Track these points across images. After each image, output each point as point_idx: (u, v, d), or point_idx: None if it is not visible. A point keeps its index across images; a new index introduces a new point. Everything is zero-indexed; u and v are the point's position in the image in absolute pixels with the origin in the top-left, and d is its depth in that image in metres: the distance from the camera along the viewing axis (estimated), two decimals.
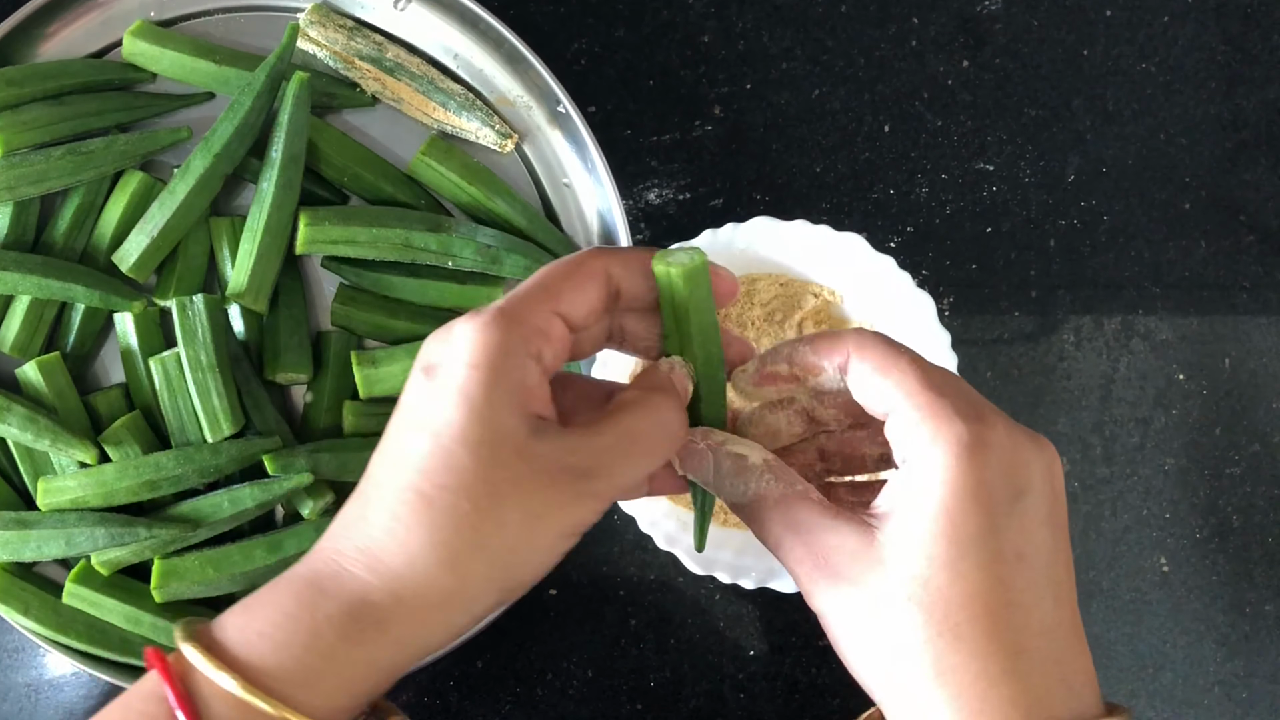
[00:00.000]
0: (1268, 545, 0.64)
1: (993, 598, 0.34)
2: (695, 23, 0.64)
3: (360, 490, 0.37)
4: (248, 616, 0.35)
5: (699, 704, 0.61)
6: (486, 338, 0.35)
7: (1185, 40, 0.66)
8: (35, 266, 0.55)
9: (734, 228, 0.56)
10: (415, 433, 0.35)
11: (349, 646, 0.34)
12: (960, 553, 0.34)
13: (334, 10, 0.60)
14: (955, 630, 0.34)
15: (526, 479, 0.35)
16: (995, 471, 0.35)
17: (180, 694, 0.33)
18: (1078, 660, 0.35)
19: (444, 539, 0.34)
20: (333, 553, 0.36)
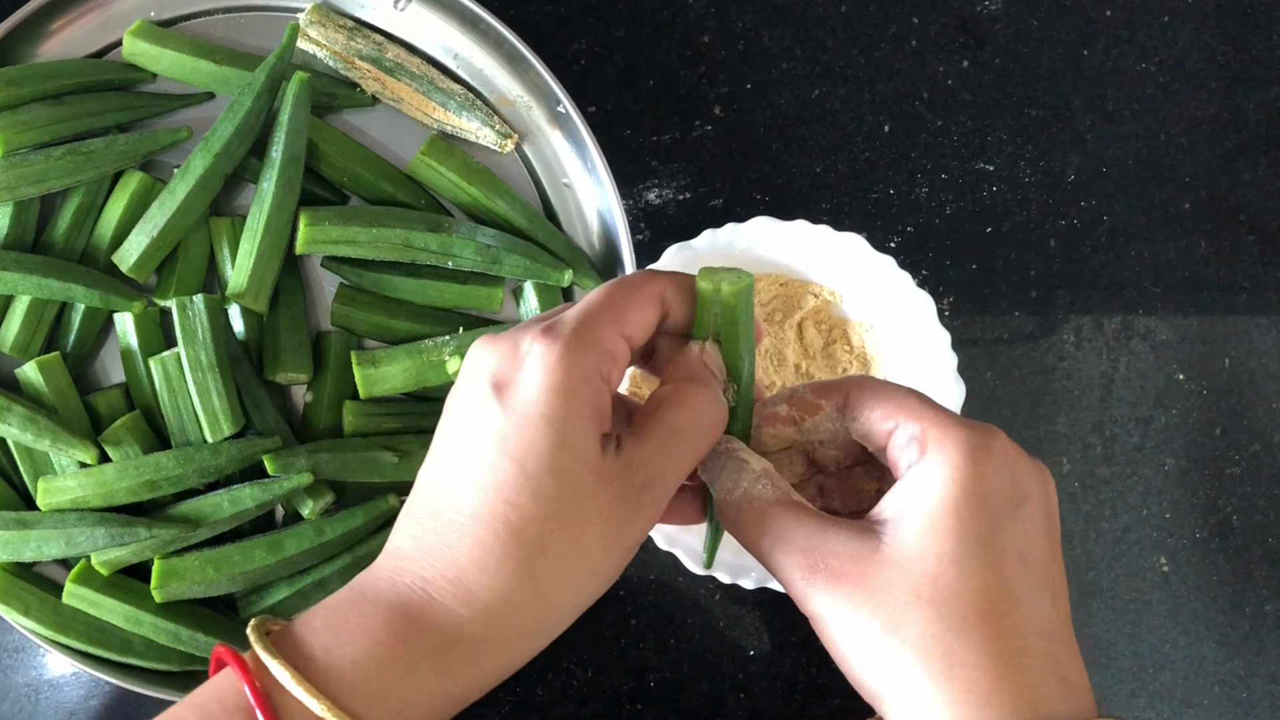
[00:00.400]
0: (1268, 545, 0.64)
1: (999, 595, 0.35)
2: (695, 23, 0.64)
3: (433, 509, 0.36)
4: (333, 637, 0.35)
5: (699, 704, 0.61)
6: (568, 362, 0.35)
7: (1185, 40, 0.66)
8: (35, 266, 0.55)
9: (734, 228, 0.56)
10: (499, 456, 0.35)
11: (440, 679, 0.34)
12: (969, 550, 0.35)
13: (334, 10, 0.60)
14: (964, 624, 0.35)
15: (605, 504, 0.36)
16: (1000, 476, 0.36)
17: (268, 712, 0.33)
18: (1074, 663, 0.36)
19: (533, 571, 0.35)
20: (419, 580, 0.35)
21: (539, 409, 0.35)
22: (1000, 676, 0.35)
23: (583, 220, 0.60)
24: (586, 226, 0.60)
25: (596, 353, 0.36)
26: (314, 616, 0.35)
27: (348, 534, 0.56)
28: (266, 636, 0.35)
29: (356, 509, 0.56)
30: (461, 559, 0.35)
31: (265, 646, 0.34)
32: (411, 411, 0.59)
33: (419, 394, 0.59)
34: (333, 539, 0.56)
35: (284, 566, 0.55)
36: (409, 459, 0.57)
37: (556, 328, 0.36)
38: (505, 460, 0.35)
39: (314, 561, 0.56)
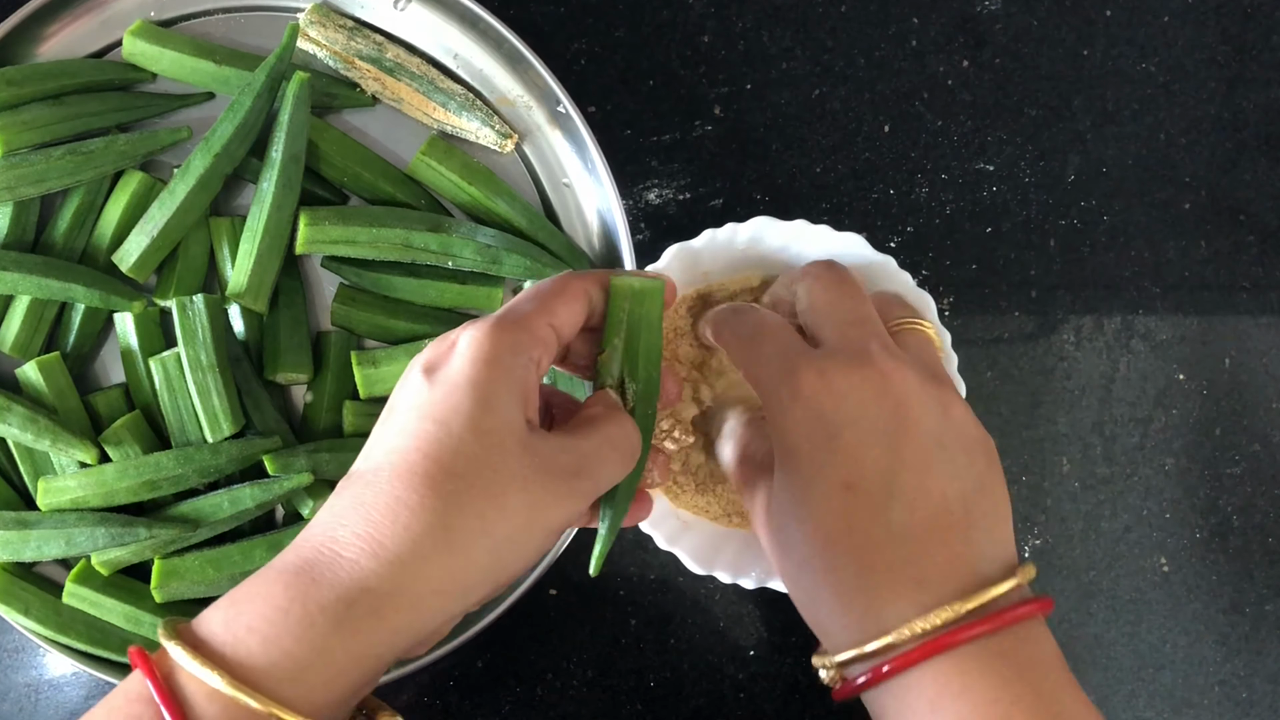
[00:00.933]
0: (1268, 545, 0.64)
1: (833, 530, 0.38)
2: (695, 23, 0.64)
3: (353, 478, 0.36)
4: (234, 610, 0.34)
5: (699, 704, 0.61)
6: (494, 338, 0.37)
7: (1185, 40, 0.66)
8: (35, 266, 0.55)
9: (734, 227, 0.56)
10: (421, 421, 0.36)
11: (343, 637, 0.34)
12: (795, 497, 0.39)
13: (334, 10, 0.60)
14: (806, 563, 0.39)
15: (529, 471, 0.36)
16: (806, 422, 0.39)
17: (165, 693, 0.33)
18: (936, 555, 0.38)
19: (450, 523, 0.35)
20: (326, 540, 0.35)
21: (464, 375, 0.36)
22: (848, 600, 0.38)
23: (583, 220, 0.60)
24: (586, 226, 0.60)
25: (524, 332, 0.38)
26: (221, 599, 0.36)
27: None
28: (173, 628, 0.35)
29: None
30: (374, 513, 0.35)
31: (165, 632, 0.34)
32: None
33: None
34: None
35: None
36: None
37: (487, 317, 0.38)
38: (427, 422, 0.36)
39: None
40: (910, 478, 0.38)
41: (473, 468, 0.35)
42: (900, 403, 0.39)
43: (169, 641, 0.34)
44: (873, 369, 0.40)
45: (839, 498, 0.38)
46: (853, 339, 0.41)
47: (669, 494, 0.56)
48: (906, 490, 0.38)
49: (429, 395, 0.36)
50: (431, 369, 0.37)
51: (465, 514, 0.35)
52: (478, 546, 0.35)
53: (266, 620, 0.34)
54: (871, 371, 0.40)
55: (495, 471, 0.35)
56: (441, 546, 0.34)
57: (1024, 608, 0.37)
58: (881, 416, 0.39)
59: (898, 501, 0.38)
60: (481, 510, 0.35)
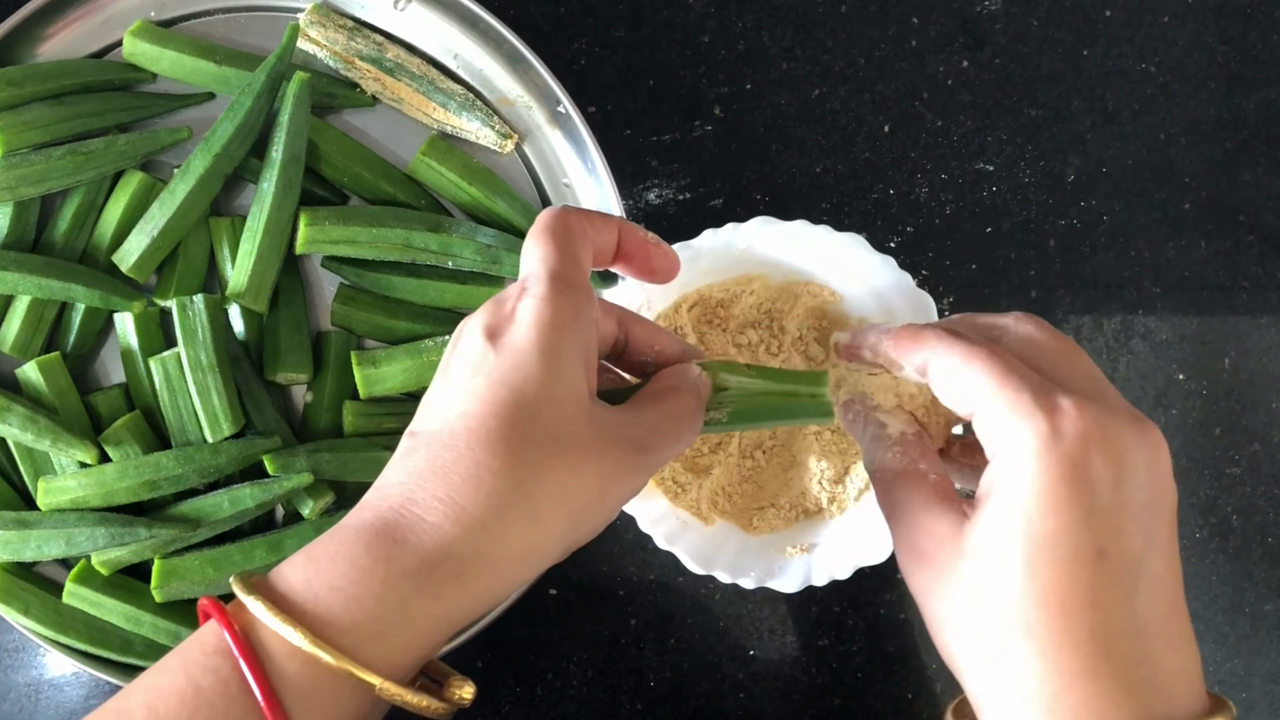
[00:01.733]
0: (1268, 545, 0.64)
1: (1069, 597, 0.33)
2: (695, 23, 0.64)
3: (422, 439, 0.36)
4: (313, 569, 0.34)
5: (699, 704, 0.61)
6: (558, 303, 0.36)
7: (1185, 40, 0.66)
8: (35, 266, 0.55)
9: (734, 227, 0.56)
10: (491, 386, 0.35)
11: (426, 600, 0.34)
12: (1036, 551, 0.34)
13: (334, 10, 0.60)
14: (1028, 629, 0.34)
15: (601, 441, 0.36)
16: (1071, 465, 0.34)
17: (244, 647, 0.33)
18: (1170, 659, 0.34)
19: (532, 490, 0.35)
20: (405, 501, 0.35)
21: (533, 341, 0.36)
22: (1067, 683, 0.33)
23: None
24: None
25: (583, 292, 0.37)
26: (296, 555, 0.35)
27: None
28: (249, 580, 0.35)
29: None
30: (454, 477, 0.34)
31: (242, 585, 0.34)
32: (411, 411, 0.58)
33: (419, 394, 0.59)
34: None
35: None
36: None
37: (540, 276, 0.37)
38: (500, 388, 0.35)
39: None
40: (1159, 566, 0.35)
41: (550, 436, 0.35)
42: (1166, 477, 0.35)
43: (248, 596, 0.33)
44: (1149, 434, 0.35)
45: (1089, 565, 0.33)
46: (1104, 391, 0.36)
47: (669, 494, 0.56)
48: (1154, 579, 0.34)
49: (496, 361, 0.36)
50: (494, 333, 0.36)
51: (546, 482, 0.35)
52: (557, 515, 0.35)
53: (349, 580, 0.34)
54: (1151, 436, 0.35)
55: (571, 441, 0.35)
56: (524, 514, 0.35)
57: None
58: (1147, 488, 0.35)
59: (1144, 588, 0.34)
60: (561, 479, 0.35)
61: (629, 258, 0.41)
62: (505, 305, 0.37)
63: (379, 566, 0.34)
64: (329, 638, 0.33)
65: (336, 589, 0.33)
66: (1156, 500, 0.35)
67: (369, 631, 0.33)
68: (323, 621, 0.33)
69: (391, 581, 0.34)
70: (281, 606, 0.33)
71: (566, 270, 0.37)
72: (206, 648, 0.33)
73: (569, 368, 0.36)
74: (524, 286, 0.37)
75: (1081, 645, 0.33)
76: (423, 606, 0.34)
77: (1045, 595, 0.33)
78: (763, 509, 0.57)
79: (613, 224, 0.40)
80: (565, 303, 0.36)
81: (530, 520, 0.35)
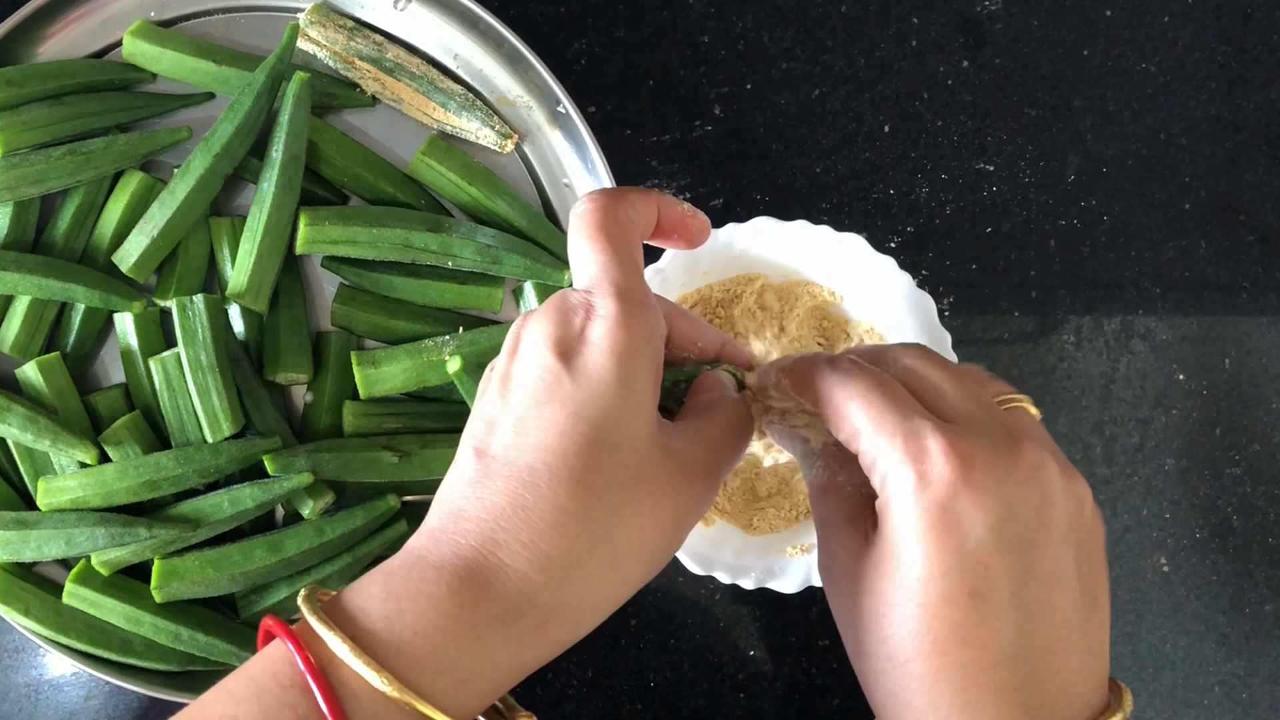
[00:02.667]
0: (1268, 545, 0.64)
1: (941, 638, 0.34)
2: (695, 23, 0.64)
3: (497, 466, 0.34)
4: (394, 606, 0.33)
5: (699, 704, 0.61)
6: (633, 327, 0.35)
7: (1185, 40, 0.66)
8: (35, 266, 0.55)
9: (734, 228, 0.56)
10: (571, 420, 0.34)
11: (508, 650, 0.33)
12: (909, 595, 0.34)
13: (334, 10, 0.60)
14: (905, 667, 0.35)
15: (676, 476, 0.35)
16: (937, 514, 0.34)
17: (327, 692, 0.31)
18: (1051, 680, 0.35)
19: (614, 539, 0.34)
20: (489, 543, 0.33)
21: (611, 372, 0.34)
22: (944, 717, 0.34)
23: None
24: None
25: (653, 311, 0.36)
26: (370, 583, 0.34)
27: (348, 534, 0.56)
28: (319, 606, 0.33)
29: (356, 509, 0.56)
30: (538, 521, 0.33)
31: (320, 617, 0.32)
32: (411, 411, 0.59)
33: (419, 394, 0.59)
34: (333, 539, 0.56)
35: (284, 566, 0.55)
36: (409, 459, 0.57)
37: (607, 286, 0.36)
38: (584, 424, 0.34)
39: (314, 561, 0.56)
40: (1038, 592, 0.34)
41: (630, 477, 0.34)
42: (1045, 503, 0.35)
43: (327, 631, 0.32)
44: (1023, 460, 0.35)
45: (961, 605, 0.34)
46: (985, 419, 0.36)
47: None
48: (1032, 606, 0.34)
49: (573, 389, 0.34)
50: (566, 354, 0.35)
51: (627, 528, 0.34)
52: (638, 561, 0.35)
53: (435, 626, 0.32)
54: (1021, 463, 0.35)
55: (648, 480, 0.34)
56: (606, 563, 0.34)
57: None
58: (1022, 521, 0.34)
59: (1020, 615, 0.34)
60: (642, 523, 0.34)
61: (667, 233, 0.41)
62: (573, 321, 0.35)
63: (464, 614, 0.33)
64: (412, 684, 0.32)
65: (421, 634, 0.32)
66: (1036, 525, 0.35)
67: (452, 680, 0.33)
68: (405, 665, 0.32)
69: (476, 631, 0.33)
70: (362, 644, 0.32)
71: (633, 284, 0.36)
72: (281, 679, 0.32)
73: (645, 400, 0.35)
74: (589, 304, 0.36)
75: (955, 681, 0.34)
76: (504, 656, 0.33)
77: (920, 635, 0.34)
78: (763, 509, 0.57)
79: (652, 201, 0.39)
80: (639, 327, 0.35)
81: (611, 567, 0.34)
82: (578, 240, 0.37)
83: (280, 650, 0.32)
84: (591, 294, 0.36)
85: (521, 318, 0.37)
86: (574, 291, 0.36)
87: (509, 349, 0.37)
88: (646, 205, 0.39)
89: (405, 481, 0.57)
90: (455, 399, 0.59)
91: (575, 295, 0.36)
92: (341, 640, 0.32)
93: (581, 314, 0.35)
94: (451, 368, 0.57)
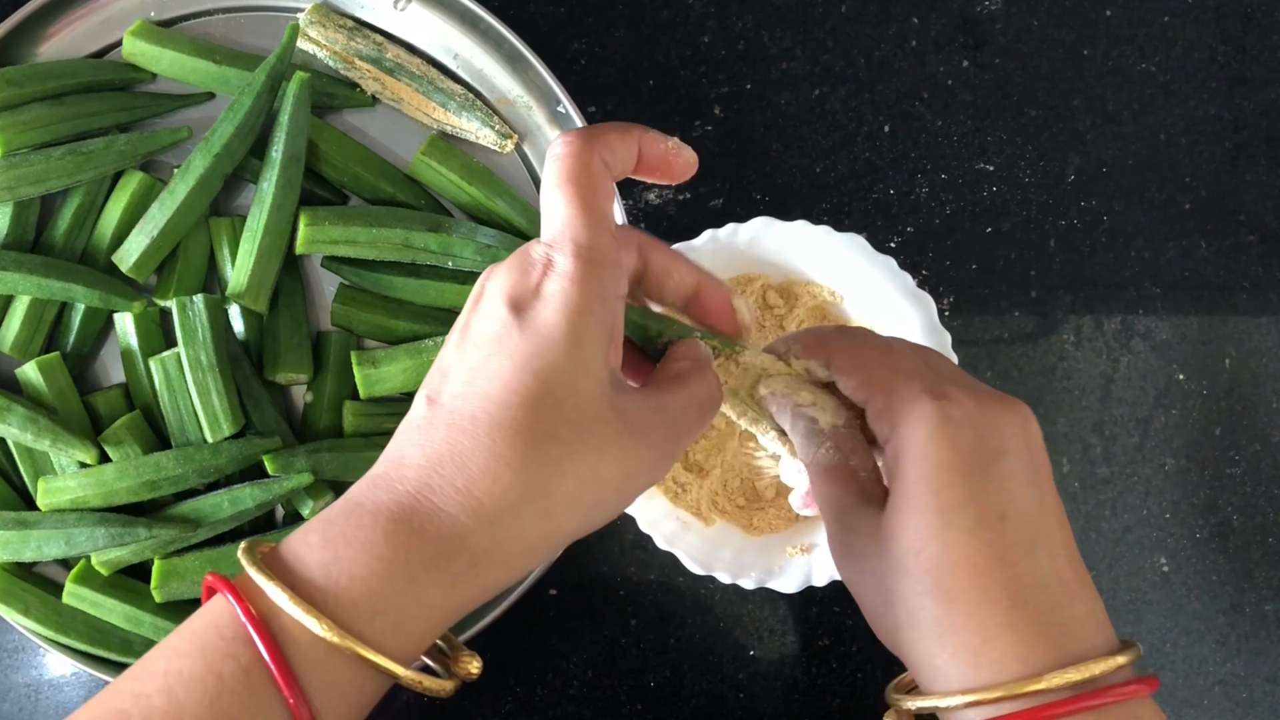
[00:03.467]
0: (1268, 545, 0.64)
1: (981, 559, 0.36)
2: (695, 23, 0.64)
3: (441, 412, 0.35)
4: (331, 553, 0.34)
5: (699, 704, 0.61)
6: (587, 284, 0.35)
7: (1185, 40, 0.66)
8: (35, 266, 0.55)
9: (734, 227, 0.56)
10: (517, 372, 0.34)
11: (442, 591, 0.34)
12: (944, 521, 0.36)
13: (334, 10, 0.60)
14: (949, 594, 0.36)
15: (625, 435, 0.36)
16: (964, 441, 0.36)
17: (268, 639, 0.32)
18: (1077, 605, 0.36)
19: (549, 487, 0.34)
20: (424, 489, 0.34)
21: (560, 329, 0.35)
22: (989, 637, 0.35)
23: None
24: None
25: (610, 269, 0.36)
26: (309, 532, 0.34)
27: None
28: (259, 558, 0.34)
29: None
30: (473, 468, 0.34)
31: (259, 568, 0.33)
32: None
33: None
34: None
35: None
36: None
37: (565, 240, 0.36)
38: (529, 377, 0.34)
39: None
40: (1052, 523, 0.37)
41: (572, 431, 0.35)
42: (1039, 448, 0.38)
43: (267, 581, 0.33)
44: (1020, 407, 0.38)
45: (993, 527, 0.36)
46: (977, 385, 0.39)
47: (669, 494, 0.56)
48: (1050, 535, 0.37)
49: (520, 342, 0.35)
50: (519, 306, 0.35)
51: (565, 479, 0.35)
52: (572, 510, 0.35)
53: (370, 570, 0.33)
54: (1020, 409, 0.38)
55: (591, 435, 0.35)
56: (539, 511, 0.34)
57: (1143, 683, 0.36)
58: (1027, 454, 0.37)
59: (1043, 544, 0.36)
60: (580, 474, 0.35)
61: (649, 169, 0.41)
62: (531, 275, 0.36)
63: (399, 556, 0.33)
64: (351, 628, 0.33)
65: (357, 579, 0.33)
66: (1036, 467, 0.37)
67: (389, 622, 0.33)
68: (344, 611, 0.33)
69: (410, 574, 0.33)
70: (301, 593, 0.33)
71: (595, 240, 0.36)
72: (224, 631, 0.33)
73: (594, 358, 0.35)
74: (549, 258, 0.36)
75: (997, 601, 0.35)
76: (438, 597, 0.34)
77: (959, 560, 0.36)
78: (763, 509, 0.57)
79: (632, 139, 0.39)
80: (593, 286, 0.35)
81: (544, 516, 0.35)
82: (548, 188, 0.37)
83: (222, 604, 0.33)
84: (553, 248, 0.36)
85: (488, 270, 0.38)
86: (537, 244, 0.37)
87: (472, 299, 0.37)
88: (626, 144, 0.39)
89: None
90: None
91: (538, 249, 0.37)
92: (280, 589, 0.32)
93: (540, 268, 0.36)
94: None
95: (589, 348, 0.35)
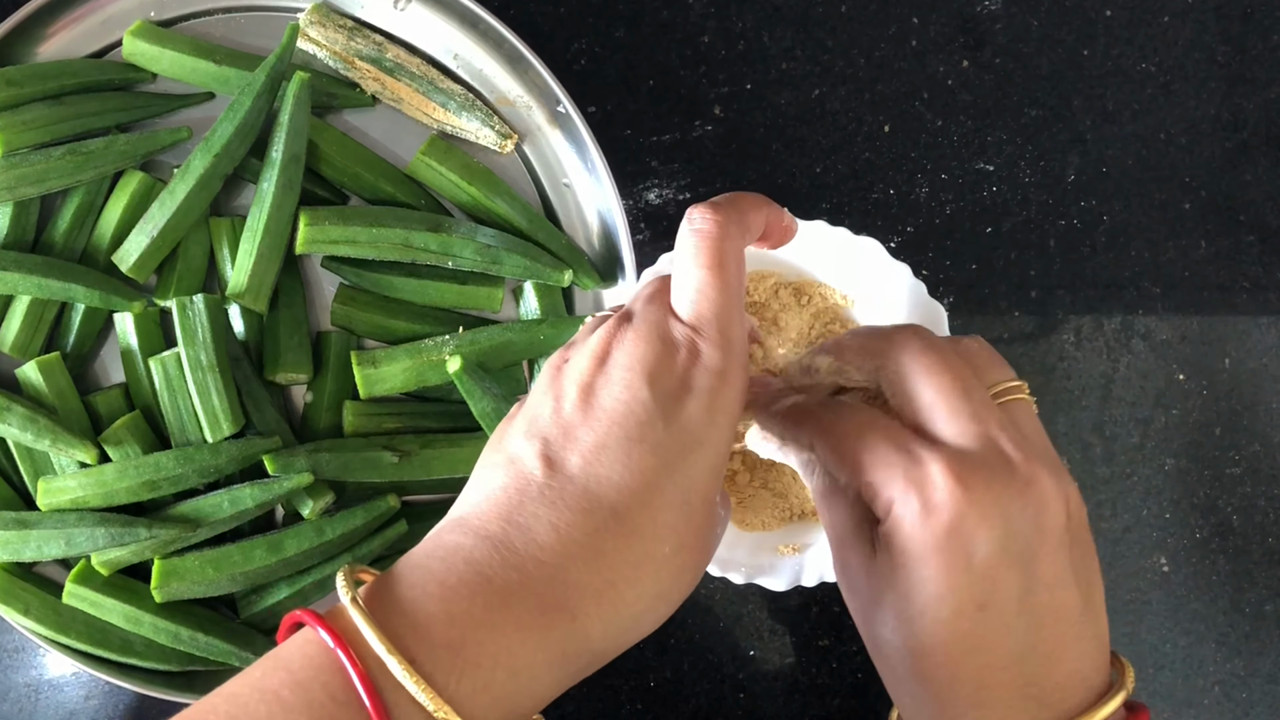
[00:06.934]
0: (1268, 545, 0.64)
1: (954, 648, 0.35)
2: (695, 23, 0.64)
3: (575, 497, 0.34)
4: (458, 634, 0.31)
5: (699, 704, 0.61)
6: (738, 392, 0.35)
7: (1185, 40, 0.66)
8: (35, 266, 0.55)
9: None
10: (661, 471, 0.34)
11: (555, 687, 0.33)
12: (920, 612, 0.36)
13: (334, 10, 0.60)
14: (921, 675, 0.36)
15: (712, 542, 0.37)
16: (946, 536, 0.35)
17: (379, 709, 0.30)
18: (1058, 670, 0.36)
19: (671, 597, 0.35)
20: (560, 585, 0.33)
21: (708, 434, 0.34)
22: (956, 715, 0.36)
23: (583, 220, 0.60)
24: (586, 226, 0.60)
25: (747, 373, 0.36)
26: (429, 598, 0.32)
27: (348, 534, 0.56)
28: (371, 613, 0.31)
29: (356, 509, 0.56)
30: (623, 568, 0.33)
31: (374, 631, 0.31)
32: (411, 411, 0.59)
33: (419, 394, 0.59)
34: (333, 539, 0.56)
35: (284, 566, 0.55)
36: (409, 459, 0.57)
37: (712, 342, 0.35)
38: (671, 477, 0.34)
39: (314, 561, 0.56)
40: (1042, 596, 0.36)
41: (699, 541, 0.35)
42: (1039, 511, 0.36)
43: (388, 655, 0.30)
44: (1015, 477, 0.36)
45: (969, 619, 0.35)
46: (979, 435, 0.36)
47: None
48: (1037, 609, 0.36)
49: (665, 437, 0.34)
50: (664, 395, 0.34)
51: (683, 586, 0.35)
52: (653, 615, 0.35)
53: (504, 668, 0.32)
54: (1014, 480, 0.36)
55: (700, 540, 0.35)
56: (658, 618, 0.35)
57: None
58: (1021, 533, 0.35)
59: (1026, 620, 0.35)
60: (692, 581, 0.36)
61: (763, 239, 0.41)
62: (675, 359, 0.34)
63: (540, 655, 0.32)
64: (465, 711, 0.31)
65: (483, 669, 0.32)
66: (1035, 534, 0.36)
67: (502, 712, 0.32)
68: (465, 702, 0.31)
69: (535, 677, 0.32)
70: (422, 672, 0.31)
71: (738, 335, 0.35)
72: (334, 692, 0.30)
73: (724, 461, 0.35)
74: (695, 345, 0.35)
75: (967, 685, 0.36)
76: (552, 691, 0.33)
77: (933, 648, 0.36)
78: (756, 507, 0.57)
79: (763, 211, 0.39)
80: (739, 387, 0.35)
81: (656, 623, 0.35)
82: (691, 265, 0.36)
83: (324, 655, 0.31)
84: (699, 334, 0.35)
85: (609, 323, 0.36)
86: (677, 323, 0.35)
87: (594, 354, 0.35)
88: (759, 217, 0.39)
89: (405, 481, 0.57)
90: (455, 399, 0.59)
91: (679, 328, 0.35)
92: (405, 670, 0.30)
93: (685, 354, 0.35)
94: (451, 368, 0.57)
95: (723, 456, 0.35)
